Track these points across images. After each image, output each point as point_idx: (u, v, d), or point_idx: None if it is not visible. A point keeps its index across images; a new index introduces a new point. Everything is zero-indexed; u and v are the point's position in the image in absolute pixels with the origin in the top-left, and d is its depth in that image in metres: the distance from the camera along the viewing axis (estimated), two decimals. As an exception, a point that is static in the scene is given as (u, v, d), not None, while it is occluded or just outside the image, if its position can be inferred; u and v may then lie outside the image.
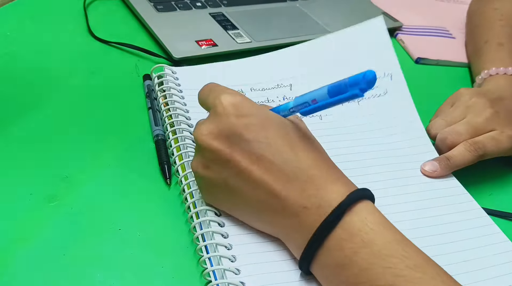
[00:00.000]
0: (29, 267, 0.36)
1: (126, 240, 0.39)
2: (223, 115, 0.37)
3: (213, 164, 0.37)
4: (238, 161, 0.36)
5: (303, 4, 0.74)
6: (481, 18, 0.69)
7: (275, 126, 0.37)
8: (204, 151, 0.38)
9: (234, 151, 0.36)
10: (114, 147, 0.47)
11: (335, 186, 0.35)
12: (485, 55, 0.63)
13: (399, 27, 0.75)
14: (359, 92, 0.33)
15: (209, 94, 0.39)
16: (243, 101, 0.37)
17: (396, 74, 0.57)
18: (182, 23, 0.63)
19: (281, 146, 0.36)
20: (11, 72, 0.53)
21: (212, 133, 0.37)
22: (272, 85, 0.55)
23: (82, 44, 0.60)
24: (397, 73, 0.57)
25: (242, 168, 0.36)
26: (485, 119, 0.50)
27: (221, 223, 0.39)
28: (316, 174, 0.36)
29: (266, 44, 0.63)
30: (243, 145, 0.36)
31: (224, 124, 0.36)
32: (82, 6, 0.65)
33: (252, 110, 0.37)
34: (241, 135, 0.36)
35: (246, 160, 0.36)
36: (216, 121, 0.37)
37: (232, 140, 0.36)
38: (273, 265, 0.37)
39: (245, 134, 0.36)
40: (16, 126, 0.47)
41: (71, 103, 0.51)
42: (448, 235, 0.42)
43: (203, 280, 0.37)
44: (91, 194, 0.42)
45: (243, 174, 0.36)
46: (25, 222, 0.39)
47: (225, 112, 0.37)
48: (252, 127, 0.36)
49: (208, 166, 0.38)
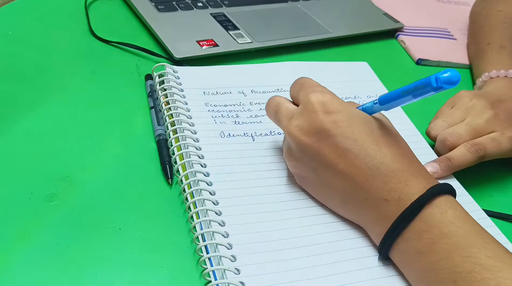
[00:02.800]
0: (29, 266, 0.36)
1: (126, 240, 0.39)
2: (312, 112, 0.40)
3: (303, 156, 0.41)
4: (326, 155, 0.39)
5: (304, 5, 0.74)
6: (485, 19, 0.69)
7: (361, 123, 0.40)
8: (294, 143, 0.41)
9: (322, 145, 0.40)
10: (114, 146, 0.47)
11: (415, 180, 0.38)
12: (486, 57, 0.63)
13: (400, 28, 0.75)
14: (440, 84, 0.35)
15: (300, 89, 0.43)
16: (331, 99, 0.40)
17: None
18: (183, 23, 0.64)
19: (366, 141, 0.39)
20: (12, 71, 0.53)
21: (302, 129, 0.40)
22: (273, 89, 0.55)
23: (83, 43, 0.60)
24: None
25: (329, 160, 0.39)
26: (485, 120, 0.50)
27: (222, 223, 0.39)
28: (398, 168, 0.38)
29: (267, 45, 0.64)
30: (330, 140, 0.39)
31: (314, 121, 0.40)
32: (83, 5, 0.65)
33: (339, 107, 0.40)
34: (329, 130, 0.39)
35: (333, 154, 0.39)
36: (306, 117, 0.40)
37: (320, 135, 0.40)
38: (274, 265, 0.38)
39: (332, 130, 0.39)
40: (17, 125, 0.47)
41: (71, 103, 0.51)
42: None
43: (203, 280, 0.37)
44: (92, 193, 0.42)
45: (330, 166, 0.40)
46: (26, 221, 0.39)
47: (315, 109, 0.40)
48: (340, 124, 0.39)
49: (298, 157, 0.42)
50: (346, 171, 0.39)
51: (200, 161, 0.44)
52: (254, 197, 0.42)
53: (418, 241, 0.36)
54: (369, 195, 0.38)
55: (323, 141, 0.40)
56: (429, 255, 0.35)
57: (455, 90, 0.42)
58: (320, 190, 0.42)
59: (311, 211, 0.42)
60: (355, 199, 0.40)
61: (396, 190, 0.37)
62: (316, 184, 0.42)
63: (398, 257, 0.38)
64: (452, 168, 0.48)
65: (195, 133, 0.47)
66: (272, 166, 0.46)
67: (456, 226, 0.35)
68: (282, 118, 0.43)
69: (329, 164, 0.40)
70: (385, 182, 0.38)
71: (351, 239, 0.41)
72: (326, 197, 0.42)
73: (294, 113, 0.42)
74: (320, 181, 0.41)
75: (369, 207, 0.39)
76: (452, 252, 0.34)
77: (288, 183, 0.44)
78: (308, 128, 0.40)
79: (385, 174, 0.38)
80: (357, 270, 0.39)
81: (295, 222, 0.41)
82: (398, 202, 0.37)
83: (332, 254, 0.39)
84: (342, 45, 0.70)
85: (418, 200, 0.36)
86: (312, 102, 0.40)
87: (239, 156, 0.46)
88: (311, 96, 0.40)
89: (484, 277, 0.33)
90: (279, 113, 0.44)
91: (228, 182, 0.43)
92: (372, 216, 0.39)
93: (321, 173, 0.41)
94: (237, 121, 0.50)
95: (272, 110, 0.45)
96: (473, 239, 0.35)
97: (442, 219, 0.35)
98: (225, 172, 0.44)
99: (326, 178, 0.41)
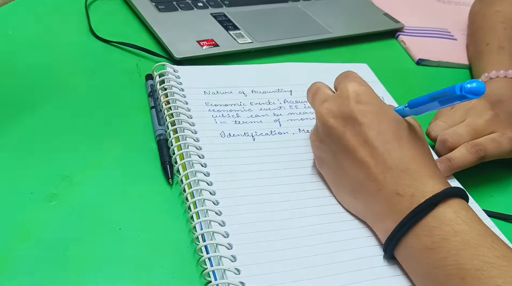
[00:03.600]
0: (29, 266, 0.36)
1: (126, 240, 0.39)
2: (345, 98, 0.41)
3: (326, 138, 0.43)
4: (348, 140, 0.41)
5: (304, 5, 0.74)
6: (483, 20, 0.69)
7: (389, 119, 0.41)
8: (322, 125, 0.43)
9: (347, 130, 0.41)
10: (114, 146, 0.47)
11: (431, 181, 0.38)
12: (486, 57, 0.63)
13: (400, 28, 0.75)
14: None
15: (342, 79, 0.44)
16: (366, 91, 0.42)
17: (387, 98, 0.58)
18: (184, 23, 0.63)
19: (389, 137, 0.40)
20: (12, 71, 0.53)
21: (331, 112, 0.42)
22: (273, 89, 0.55)
23: (83, 43, 0.60)
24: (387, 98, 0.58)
25: (350, 146, 0.41)
26: (485, 121, 0.50)
27: (222, 223, 0.39)
28: (415, 168, 0.39)
29: (267, 45, 0.63)
30: (356, 127, 0.40)
31: (344, 106, 0.41)
32: (84, 5, 0.65)
33: (372, 100, 0.41)
34: (356, 118, 0.40)
35: (354, 141, 0.40)
36: (338, 103, 0.42)
37: (347, 121, 0.41)
38: (274, 265, 0.37)
39: (359, 119, 0.40)
40: (17, 125, 0.47)
41: (72, 102, 0.51)
42: None
43: (203, 280, 0.37)
44: (92, 193, 0.42)
45: (349, 152, 0.41)
46: (26, 221, 0.39)
47: (348, 96, 0.41)
48: (368, 114, 0.40)
49: (322, 139, 0.43)
50: (363, 160, 0.40)
51: (200, 161, 0.44)
52: (255, 197, 0.42)
53: (429, 237, 0.36)
54: (382, 186, 0.39)
55: (348, 127, 0.41)
56: (439, 251, 0.35)
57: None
58: (335, 175, 0.43)
59: (311, 211, 0.42)
60: (367, 188, 0.40)
61: (410, 187, 0.38)
62: (333, 168, 0.43)
63: (405, 252, 0.38)
64: (452, 169, 0.48)
65: (195, 133, 0.47)
66: (273, 166, 0.46)
67: (467, 225, 0.36)
68: (316, 100, 0.45)
69: (349, 150, 0.41)
70: (400, 177, 0.38)
71: (352, 239, 0.41)
72: (340, 183, 0.43)
73: (328, 97, 0.44)
74: (337, 166, 0.42)
75: (381, 198, 0.39)
76: (462, 250, 0.34)
77: (288, 183, 0.44)
78: (337, 112, 0.42)
79: (401, 170, 0.39)
80: (359, 270, 0.39)
81: (295, 222, 0.41)
82: (411, 198, 0.37)
83: (333, 254, 0.39)
84: (342, 45, 0.70)
85: (433, 198, 0.37)
86: (347, 90, 0.42)
87: (239, 156, 0.46)
88: (349, 85, 0.42)
89: (492, 275, 0.33)
90: (316, 96, 0.46)
91: (229, 182, 0.43)
92: (382, 209, 0.39)
93: (339, 158, 0.42)
94: (238, 121, 0.50)
95: (311, 93, 0.47)
96: (483, 239, 0.35)
97: (455, 218, 0.36)
98: (225, 172, 0.44)
99: (343, 164, 0.42)
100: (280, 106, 0.53)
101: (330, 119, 0.42)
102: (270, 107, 0.52)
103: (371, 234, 0.41)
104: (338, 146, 0.42)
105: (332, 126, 0.42)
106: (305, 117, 0.52)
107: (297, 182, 0.44)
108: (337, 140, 0.42)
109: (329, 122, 0.42)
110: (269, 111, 0.52)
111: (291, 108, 0.53)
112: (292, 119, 0.51)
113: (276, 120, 0.51)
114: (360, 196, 0.41)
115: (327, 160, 0.44)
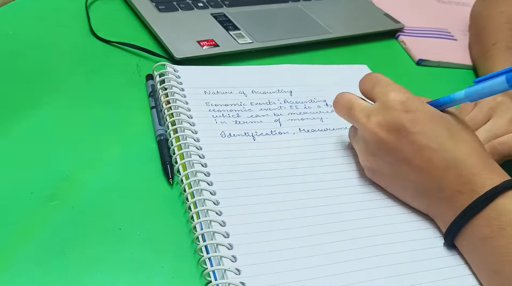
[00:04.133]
0: (29, 266, 0.36)
1: (126, 239, 0.39)
2: (392, 109, 0.42)
3: (379, 152, 0.43)
4: (403, 150, 0.41)
5: (305, 5, 0.74)
6: (487, 20, 0.69)
7: (438, 120, 0.41)
8: (372, 139, 0.43)
9: (401, 141, 0.41)
10: (114, 146, 0.47)
11: (490, 175, 0.39)
12: (494, 57, 0.62)
13: (400, 28, 0.75)
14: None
15: (373, 86, 0.44)
16: (410, 98, 0.42)
17: None
18: (184, 23, 0.63)
19: (443, 137, 0.40)
20: (12, 71, 0.53)
21: (382, 126, 0.42)
22: (273, 90, 0.55)
23: (83, 43, 0.60)
24: None
25: (406, 156, 0.41)
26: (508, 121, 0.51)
27: (222, 223, 0.39)
28: (474, 163, 0.40)
29: (267, 45, 0.63)
30: (410, 136, 0.41)
31: (393, 118, 0.41)
32: (84, 5, 0.65)
33: (418, 106, 0.42)
34: (408, 128, 0.41)
35: (410, 150, 0.41)
36: (386, 115, 0.42)
37: (400, 132, 0.41)
38: (274, 265, 0.37)
39: (411, 128, 0.41)
40: (17, 125, 0.47)
41: (72, 102, 0.51)
42: None
43: (203, 280, 0.37)
44: (92, 193, 0.42)
45: (406, 161, 0.41)
46: (26, 221, 0.39)
47: (395, 107, 0.42)
48: (418, 122, 0.41)
49: (374, 152, 0.43)
50: (422, 166, 0.41)
51: (200, 161, 0.44)
52: (255, 197, 0.42)
53: (487, 228, 0.37)
54: (443, 187, 0.40)
55: (402, 137, 0.41)
56: (496, 239, 0.37)
57: (456, 90, 0.42)
58: (394, 183, 0.44)
59: (311, 212, 0.42)
60: (428, 191, 0.41)
61: (470, 183, 0.39)
62: (389, 177, 0.44)
63: (464, 242, 0.40)
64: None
65: (195, 133, 0.47)
66: (273, 166, 0.46)
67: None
68: (359, 115, 0.44)
69: (405, 159, 0.41)
70: (460, 175, 0.39)
71: (353, 239, 0.41)
72: (397, 189, 0.44)
73: (372, 110, 0.43)
74: (395, 174, 0.43)
75: (443, 199, 0.40)
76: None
77: (288, 183, 0.44)
78: (388, 126, 0.42)
79: (461, 168, 0.39)
80: (356, 270, 0.39)
81: (295, 222, 0.41)
82: (471, 193, 0.39)
83: (333, 254, 0.39)
84: (343, 45, 0.70)
85: (492, 190, 0.38)
86: (393, 99, 0.42)
87: (240, 156, 0.46)
88: (390, 95, 0.42)
89: None
90: (353, 110, 0.45)
91: (229, 182, 0.43)
92: (443, 206, 0.41)
93: (396, 167, 0.42)
94: (238, 120, 0.50)
95: (343, 107, 0.46)
96: None
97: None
98: (225, 172, 0.44)
99: (401, 172, 0.42)
100: (280, 106, 0.53)
101: (382, 134, 0.42)
102: (270, 107, 0.52)
103: (371, 234, 0.41)
104: (394, 157, 0.42)
105: (386, 140, 0.42)
106: (306, 117, 0.52)
107: (297, 182, 0.44)
108: (392, 152, 0.42)
109: (382, 137, 0.42)
110: (269, 111, 0.52)
111: (291, 108, 0.53)
112: (292, 119, 0.51)
113: (277, 120, 0.51)
114: (422, 198, 0.42)
115: (381, 170, 0.44)
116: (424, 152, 0.40)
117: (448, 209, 0.40)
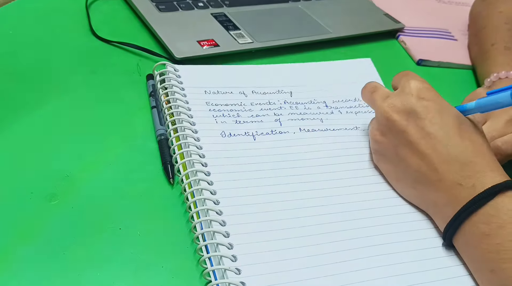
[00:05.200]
0: (29, 266, 0.36)
1: (126, 239, 0.39)
2: (408, 94, 0.43)
3: (388, 132, 0.44)
4: (410, 134, 0.42)
5: (305, 5, 0.74)
6: (487, 20, 0.69)
7: (451, 115, 0.42)
8: (384, 120, 0.44)
9: (409, 124, 0.43)
10: (115, 146, 0.47)
11: (492, 173, 0.39)
12: (492, 57, 0.62)
13: (400, 28, 0.75)
14: None
15: (402, 77, 0.46)
16: (428, 88, 0.44)
17: None
18: (184, 23, 0.63)
19: (451, 132, 0.41)
20: (12, 70, 0.53)
21: (395, 107, 0.44)
22: (273, 90, 0.55)
23: (83, 43, 0.60)
24: None
25: (412, 139, 0.42)
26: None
27: (222, 223, 0.39)
28: (477, 161, 0.40)
29: (267, 45, 0.63)
30: (418, 122, 0.42)
31: (407, 102, 0.43)
32: (84, 5, 0.65)
33: (434, 97, 0.43)
34: (419, 113, 0.42)
35: (417, 134, 0.42)
36: (401, 98, 0.44)
37: (410, 116, 0.43)
38: (274, 265, 0.37)
39: (422, 114, 0.42)
40: (18, 125, 0.47)
41: (72, 102, 0.51)
42: None
43: (203, 280, 0.37)
44: (92, 193, 0.42)
45: (411, 145, 0.42)
46: (26, 221, 0.39)
47: (411, 92, 0.43)
48: (430, 110, 0.42)
49: (384, 133, 0.45)
50: (425, 152, 0.41)
51: (201, 161, 0.44)
52: (255, 197, 0.42)
53: (486, 225, 0.38)
54: (443, 177, 0.40)
55: (411, 121, 0.42)
56: (494, 237, 0.37)
57: (457, 90, 0.42)
58: (396, 168, 0.45)
59: (311, 211, 0.42)
60: (428, 179, 0.42)
61: (471, 178, 0.39)
62: (393, 162, 0.45)
63: (463, 239, 0.40)
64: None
65: (196, 133, 0.47)
66: (273, 166, 0.46)
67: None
68: (377, 98, 0.46)
69: (411, 143, 0.42)
70: (462, 169, 0.40)
71: (353, 239, 0.41)
72: (400, 176, 0.45)
73: (390, 94, 0.46)
74: (398, 159, 0.44)
75: (441, 189, 0.41)
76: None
77: (289, 182, 0.44)
78: (400, 107, 0.43)
79: (463, 162, 0.40)
80: (356, 270, 0.39)
81: (295, 222, 0.41)
82: (472, 188, 0.39)
83: (332, 254, 0.39)
84: (343, 45, 0.70)
85: (493, 187, 0.38)
86: (410, 86, 0.44)
87: (240, 156, 0.46)
88: (411, 82, 0.44)
89: None
90: (375, 93, 0.47)
91: (229, 182, 0.43)
92: (442, 198, 0.41)
93: (401, 150, 0.43)
94: (238, 120, 0.50)
95: (368, 91, 0.48)
96: None
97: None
98: (226, 171, 0.44)
99: (404, 156, 0.43)
100: (280, 106, 0.53)
101: (393, 114, 0.43)
102: (271, 107, 0.52)
103: (371, 234, 0.41)
104: (401, 139, 0.43)
105: (396, 121, 0.43)
106: (306, 117, 0.52)
107: (298, 182, 0.44)
108: (399, 133, 0.43)
109: (393, 116, 0.43)
110: (269, 111, 0.52)
111: (291, 109, 0.53)
112: (292, 119, 0.51)
113: (277, 119, 0.51)
114: (421, 186, 0.43)
115: (387, 154, 0.45)
116: (430, 139, 0.41)
117: (446, 202, 0.40)
